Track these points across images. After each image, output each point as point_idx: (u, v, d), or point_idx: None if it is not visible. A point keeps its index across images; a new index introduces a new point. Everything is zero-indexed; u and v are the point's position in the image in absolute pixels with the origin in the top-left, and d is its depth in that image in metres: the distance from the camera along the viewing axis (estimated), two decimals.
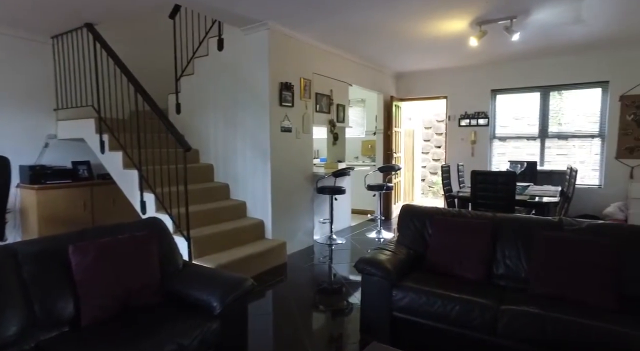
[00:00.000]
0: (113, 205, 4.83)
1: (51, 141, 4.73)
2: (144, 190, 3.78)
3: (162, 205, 3.57)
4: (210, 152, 4.66)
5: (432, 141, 9.76)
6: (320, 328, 2.83)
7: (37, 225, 4.27)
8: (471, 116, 6.41)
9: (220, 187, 4.49)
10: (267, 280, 3.67)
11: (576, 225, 2.46)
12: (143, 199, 3.78)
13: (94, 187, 4.67)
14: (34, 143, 4.60)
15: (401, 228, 2.93)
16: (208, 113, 4.62)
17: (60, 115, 4.71)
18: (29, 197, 4.31)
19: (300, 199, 4.67)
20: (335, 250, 4.80)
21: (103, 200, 4.73)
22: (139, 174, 3.76)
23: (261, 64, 4.10)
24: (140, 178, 3.75)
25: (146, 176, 3.71)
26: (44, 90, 4.64)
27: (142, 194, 3.78)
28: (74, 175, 4.59)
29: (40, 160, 4.62)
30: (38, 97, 4.60)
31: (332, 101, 5.15)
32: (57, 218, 4.38)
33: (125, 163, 3.92)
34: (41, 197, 4.27)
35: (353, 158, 7.49)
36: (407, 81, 7.00)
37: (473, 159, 6.40)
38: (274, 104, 4.15)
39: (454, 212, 2.83)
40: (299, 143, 4.58)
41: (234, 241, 3.92)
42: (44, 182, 4.31)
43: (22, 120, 4.49)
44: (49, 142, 4.71)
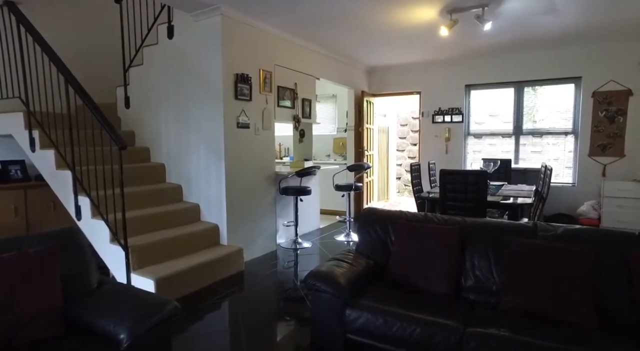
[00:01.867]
0: (53, 210, 4.34)
1: None
2: (78, 193, 3.34)
3: (98, 210, 3.15)
4: (162, 150, 4.24)
5: (408, 138, 9.56)
6: (269, 347, 2.49)
7: None
8: (445, 112, 6.19)
9: (172, 189, 4.09)
10: (219, 291, 3.31)
11: (551, 230, 2.20)
12: (78, 203, 3.35)
13: (29, 189, 4.17)
14: None
15: (361, 235, 2.62)
16: (159, 108, 4.20)
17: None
18: None
19: (261, 201, 4.32)
20: (301, 255, 4.47)
21: (40, 204, 4.23)
22: (72, 175, 3.33)
23: (214, 54, 3.71)
24: (74, 180, 3.32)
25: (80, 177, 3.27)
26: None
27: (77, 198, 3.35)
28: (4, 176, 4.09)
29: None
30: None
31: (296, 95, 4.80)
32: None
33: (58, 163, 3.48)
34: None
35: (324, 156, 7.18)
36: (379, 76, 6.72)
37: (447, 157, 6.18)
38: (228, 98, 3.77)
39: (420, 217, 2.54)
40: (259, 140, 4.22)
41: (184, 248, 3.53)
42: None
43: None
44: None
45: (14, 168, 4.17)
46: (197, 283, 3.30)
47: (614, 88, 5.05)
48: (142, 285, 2.99)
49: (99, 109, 3.05)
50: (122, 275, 3.07)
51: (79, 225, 3.38)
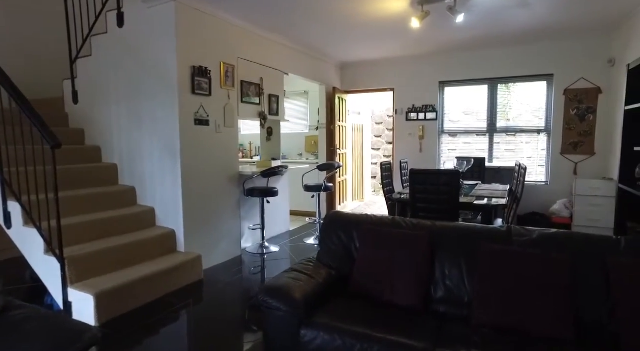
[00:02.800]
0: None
1: None
2: (7, 197, 2.97)
3: (30, 217, 2.80)
4: (114, 150, 3.89)
5: (383, 137, 9.42)
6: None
7: None
8: (419, 109, 6.04)
9: (124, 191, 3.74)
10: (172, 303, 3.01)
11: (526, 235, 2.03)
12: (7, 209, 2.98)
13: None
14: None
15: (323, 243, 2.39)
16: (110, 103, 3.85)
17: None
18: None
19: (224, 203, 4.03)
20: (268, 260, 4.21)
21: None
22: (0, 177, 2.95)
23: (167, 44, 3.40)
24: (2, 183, 2.94)
25: (9, 179, 2.90)
26: None
27: (6, 203, 2.98)
28: None
29: None
30: None
31: (262, 91, 4.53)
32: None
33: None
34: None
35: (296, 155, 6.93)
36: (352, 72, 6.52)
37: (422, 155, 6.04)
38: (184, 92, 3.47)
39: (386, 221, 2.33)
40: (221, 138, 3.93)
41: (134, 257, 3.21)
42: None
43: None
44: None
45: None
46: (147, 296, 2.99)
47: (584, 86, 5.01)
48: (79, 301, 2.67)
49: (27, 103, 2.69)
50: (58, 291, 2.73)
51: (9, 234, 3.01)
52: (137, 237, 3.35)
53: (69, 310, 2.74)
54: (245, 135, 7.32)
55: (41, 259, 2.85)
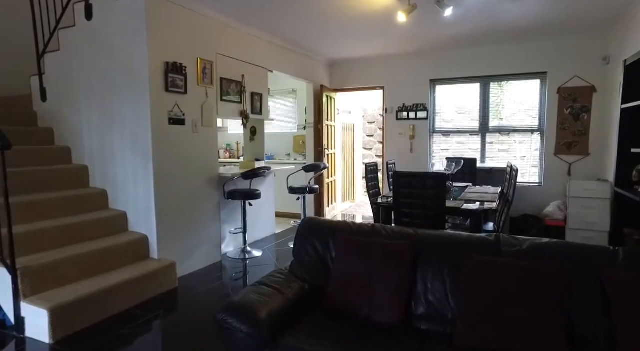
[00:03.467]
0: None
1: None
2: None
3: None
4: (85, 150, 3.67)
5: (375, 136, 9.26)
6: None
7: None
8: (410, 108, 5.87)
9: (95, 195, 3.53)
10: (140, 316, 2.80)
11: (516, 245, 1.85)
12: None
13: None
14: None
15: (297, 252, 2.20)
16: (79, 101, 3.63)
17: None
18: None
19: (202, 207, 3.82)
20: (250, 266, 4.01)
21: None
22: None
23: (137, 38, 3.19)
24: None
25: None
26: None
27: None
28: None
29: None
30: None
31: (244, 89, 4.33)
32: None
33: None
34: None
35: (284, 155, 6.73)
36: (341, 70, 6.33)
37: (412, 156, 5.87)
38: (157, 89, 3.26)
39: (366, 229, 2.14)
40: (198, 138, 3.72)
41: (101, 265, 3.00)
42: None
43: None
44: None
45: None
46: (113, 308, 2.78)
47: (578, 85, 4.86)
48: (33, 316, 2.46)
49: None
50: (9, 305, 2.52)
51: None
52: (106, 243, 3.14)
53: (21, 326, 2.52)
54: (233, 135, 7.12)
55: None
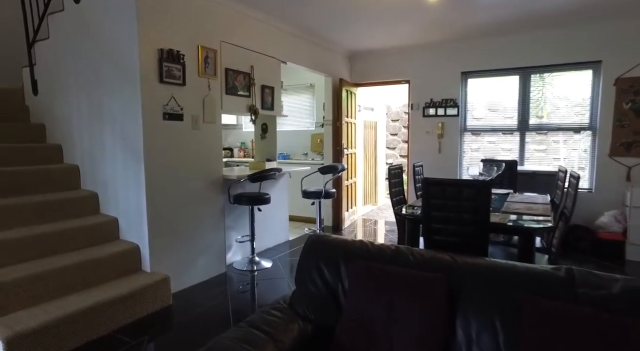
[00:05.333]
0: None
1: None
2: None
3: None
4: (76, 149, 3.33)
5: (399, 135, 8.71)
6: None
7: None
8: (438, 104, 5.30)
9: (86, 198, 3.18)
10: (122, 342, 2.41)
11: (601, 286, 1.32)
12: None
13: None
14: None
15: (300, 280, 1.73)
16: (69, 94, 3.29)
17: None
18: None
19: (203, 212, 3.42)
20: (258, 278, 3.58)
21: None
22: None
23: (126, 21, 2.80)
24: None
25: None
26: None
27: None
28: None
29: None
30: None
31: (252, 81, 3.89)
32: None
33: None
34: None
35: (301, 154, 6.29)
36: (362, 62, 5.82)
37: (440, 156, 5.30)
38: (149, 80, 2.86)
39: (388, 253, 1.65)
40: (198, 136, 3.32)
41: (85, 279, 2.64)
42: None
43: None
44: None
45: None
46: (91, 332, 2.40)
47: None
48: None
49: None
50: None
51: None
52: (90, 254, 2.77)
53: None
54: (248, 133, 6.75)
55: None
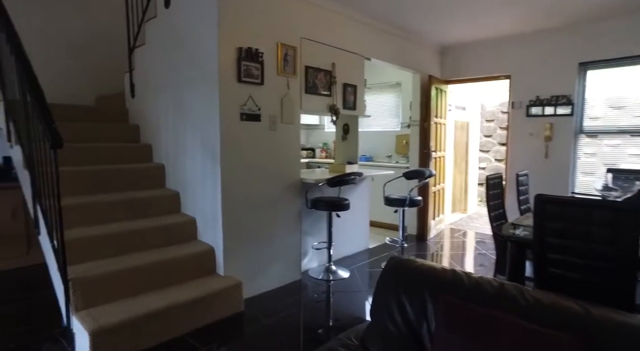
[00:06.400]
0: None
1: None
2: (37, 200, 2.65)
3: (47, 224, 2.42)
4: (162, 148, 3.46)
5: (495, 137, 7.86)
6: None
7: None
8: (546, 102, 4.55)
9: (169, 197, 3.27)
10: (192, 347, 2.36)
11: None
12: (37, 214, 2.67)
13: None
14: None
15: (376, 312, 1.45)
16: (158, 96, 3.43)
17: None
18: None
19: (279, 216, 3.30)
20: (334, 289, 3.36)
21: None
22: (30, 177, 2.65)
23: (207, 20, 2.78)
24: (33, 184, 2.64)
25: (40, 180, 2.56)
26: None
27: (36, 206, 2.67)
28: (3, 174, 3.66)
29: None
30: None
31: (334, 79, 3.68)
32: None
33: (25, 161, 2.84)
34: None
35: (385, 157, 5.94)
36: (455, 57, 5.27)
37: (548, 163, 4.55)
38: (227, 80, 2.81)
39: (489, 290, 1.29)
40: (276, 137, 3.20)
41: (162, 279, 2.67)
42: None
43: None
44: None
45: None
46: (163, 333, 2.39)
47: None
48: (79, 334, 2.18)
49: (41, 98, 2.27)
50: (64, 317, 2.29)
51: (40, 241, 2.71)
52: (169, 253, 2.80)
53: (70, 341, 2.29)
54: (330, 133, 6.61)
55: (56, 277, 2.46)
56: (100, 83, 4.25)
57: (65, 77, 4.12)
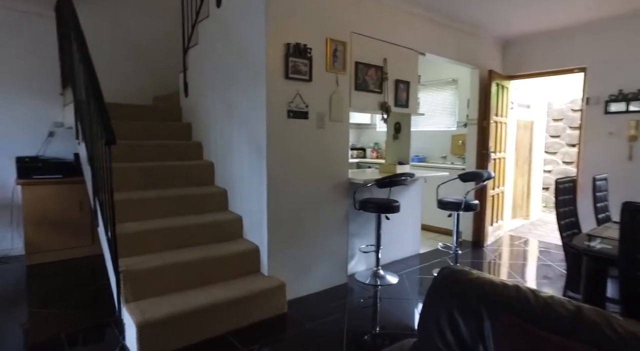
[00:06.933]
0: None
1: (57, 129, 4.16)
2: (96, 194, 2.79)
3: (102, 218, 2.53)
4: (211, 146, 3.51)
5: (563, 137, 7.20)
6: None
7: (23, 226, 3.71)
8: (632, 97, 4.03)
9: (216, 194, 3.31)
10: (235, 347, 2.34)
11: None
12: (96, 207, 2.80)
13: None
14: (38, 131, 4.08)
15: (424, 328, 1.29)
16: (207, 94, 3.49)
17: (68, 99, 4.09)
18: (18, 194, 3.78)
19: (325, 217, 3.20)
20: (382, 296, 3.20)
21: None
22: (91, 172, 2.79)
23: (256, 18, 2.75)
24: (93, 178, 2.77)
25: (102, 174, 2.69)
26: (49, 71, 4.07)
27: (95, 200, 2.81)
28: (74, 169, 3.92)
29: (44, 151, 4.09)
30: (42, 79, 4.05)
31: (385, 75, 3.52)
32: (46, 219, 3.76)
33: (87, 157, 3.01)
34: (27, 194, 3.68)
35: (439, 157, 5.65)
36: (518, 49, 4.86)
37: (632, 166, 4.02)
38: (274, 76, 2.76)
39: (565, 314, 1.08)
40: (324, 135, 3.11)
41: (207, 276, 2.69)
42: (32, 177, 3.72)
43: (25, 105, 3.98)
44: (54, 131, 4.15)
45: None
46: (207, 330, 2.40)
47: None
48: (129, 326, 2.24)
49: (100, 99, 2.36)
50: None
51: (98, 233, 2.85)
52: (216, 251, 2.82)
53: (121, 331, 2.36)
54: (382, 133, 6.43)
55: (109, 267, 2.56)
56: (158, 83, 4.45)
57: (128, 77, 4.36)
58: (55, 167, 3.84)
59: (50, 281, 3.37)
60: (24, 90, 3.96)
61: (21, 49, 3.92)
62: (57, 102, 4.15)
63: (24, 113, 3.98)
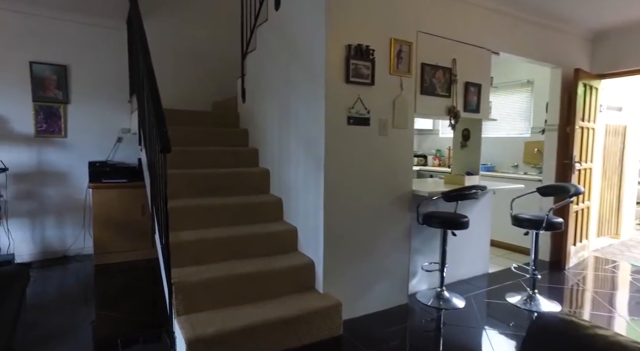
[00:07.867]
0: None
1: (125, 135, 4.35)
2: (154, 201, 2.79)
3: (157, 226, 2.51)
4: (267, 153, 3.42)
5: None
6: None
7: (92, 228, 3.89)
8: None
9: (272, 203, 3.20)
10: None
11: None
12: (153, 213, 2.81)
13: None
14: (108, 137, 4.28)
15: None
16: (264, 100, 3.40)
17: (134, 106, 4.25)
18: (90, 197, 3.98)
19: (386, 231, 2.96)
20: (446, 321, 2.89)
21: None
22: (149, 179, 2.81)
23: (315, 17, 2.59)
24: (152, 185, 2.78)
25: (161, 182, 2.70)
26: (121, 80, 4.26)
27: (153, 206, 2.81)
28: (137, 174, 4.05)
29: (113, 156, 4.29)
30: (112, 88, 4.25)
31: (454, 78, 3.20)
32: (111, 221, 3.92)
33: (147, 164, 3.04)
34: (96, 197, 3.87)
35: (510, 167, 5.14)
36: (611, 44, 4.25)
37: None
38: (335, 80, 2.58)
39: None
40: (386, 143, 2.87)
41: (260, 291, 2.56)
42: (101, 181, 3.90)
43: (96, 112, 4.20)
44: (122, 136, 4.34)
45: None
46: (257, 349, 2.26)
47: None
48: (179, 340, 2.17)
49: (158, 107, 2.33)
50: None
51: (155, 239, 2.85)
52: (269, 264, 2.69)
53: (173, 345, 2.30)
54: (445, 139, 6.03)
55: (163, 276, 2.52)
56: (217, 89, 4.49)
57: (190, 84, 4.46)
58: (121, 171, 3.99)
59: (114, 282, 3.49)
60: (98, 99, 4.19)
61: (101, 60, 4.16)
62: (126, 109, 4.33)
63: (99, 120, 4.21)
